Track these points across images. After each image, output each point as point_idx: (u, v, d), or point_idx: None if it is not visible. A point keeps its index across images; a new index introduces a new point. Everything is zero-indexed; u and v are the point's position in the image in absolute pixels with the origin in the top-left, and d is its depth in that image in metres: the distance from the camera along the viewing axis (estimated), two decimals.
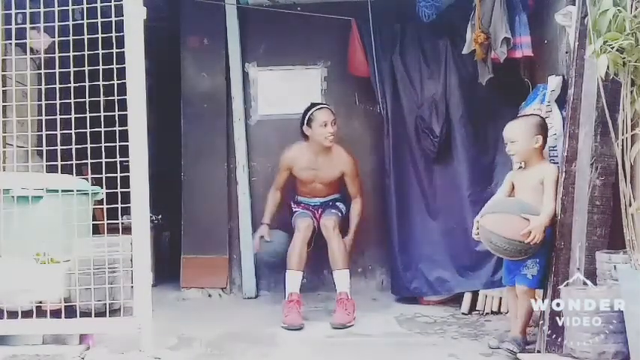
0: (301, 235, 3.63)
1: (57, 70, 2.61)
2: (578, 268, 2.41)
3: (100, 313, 2.47)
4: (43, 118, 2.59)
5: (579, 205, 2.51)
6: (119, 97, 2.47)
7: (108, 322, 2.48)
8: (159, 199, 3.23)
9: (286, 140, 4.02)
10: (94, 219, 2.73)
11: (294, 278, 3.56)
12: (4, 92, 2.89)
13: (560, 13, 2.91)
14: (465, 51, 3.71)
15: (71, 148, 2.54)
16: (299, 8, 4.26)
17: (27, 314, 2.46)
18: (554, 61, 3.39)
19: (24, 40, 2.84)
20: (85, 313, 2.47)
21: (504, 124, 3.60)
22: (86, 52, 2.50)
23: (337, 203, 3.92)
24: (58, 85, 2.61)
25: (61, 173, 2.61)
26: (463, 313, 3.61)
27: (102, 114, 2.49)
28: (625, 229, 2.18)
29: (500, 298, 3.58)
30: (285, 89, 4.38)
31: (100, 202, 2.71)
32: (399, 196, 3.98)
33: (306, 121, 3.76)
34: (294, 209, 3.93)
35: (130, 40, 2.49)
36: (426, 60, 4.04)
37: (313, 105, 3.84)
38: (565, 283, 2.42)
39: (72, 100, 2.58)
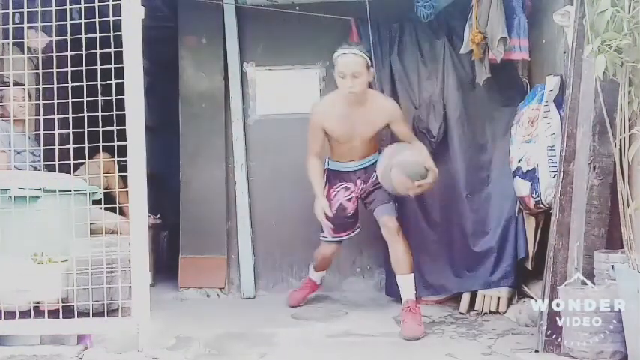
0: (324, 258, 3.75)
1: (54, 70, 2.60)
2: (576, 268, 2.41)
3: (98, 313, 2.46)
4: (41, 117, 2.59)
5: (577, 205, 2.52)
6: (117, 97, 2.46)
7: (106, 322, 2.47)
8: (157, 198, 3.23)
9: (285, 140, 4.02)
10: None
11: (317, 273, 3.82)
12: None
13: (558, 13, 2.92)
14: (462, 51, 3.72)
15: (69, 148, 2.53)
16: (297, 8, 4.26)
17: (25, 314, 2.46)
18: (552, 61, 3.40)
19: (22, 40, 2.83)
20: (83, 313, 2.46)
21: (502, 124, 3.60)
22: (84, 52, 2.50)
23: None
24: (55, 85, 2.60)
25: (59, 173, 2.61)
26: (461, 313, 3.61)
27: (100, 114, 2.48)
28: (623, 228, 2.18)
29: (499, 298, 3.58)
30: (284, 89, 4.38)
31: (98, 202, 2.70)
32: (397, 196, 3.96)
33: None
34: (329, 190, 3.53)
35: (128, 39, 2.48)
36: (424, 60, 4.04)
37: (345, 45, 3.34)
38: (564, 283, 2.42)
39: (70, 100, 2.57)
